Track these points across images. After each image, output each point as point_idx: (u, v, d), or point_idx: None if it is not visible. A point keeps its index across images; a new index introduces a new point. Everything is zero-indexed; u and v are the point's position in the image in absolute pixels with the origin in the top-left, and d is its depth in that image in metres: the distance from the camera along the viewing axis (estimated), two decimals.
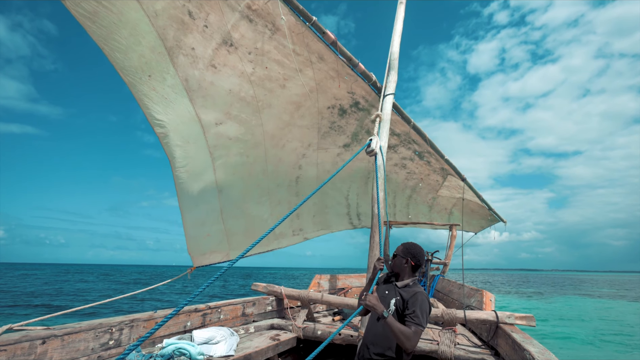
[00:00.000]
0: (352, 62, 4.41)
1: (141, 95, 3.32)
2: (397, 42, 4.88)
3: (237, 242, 5.31)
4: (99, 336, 2.70)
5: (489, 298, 4.72)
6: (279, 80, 4.22)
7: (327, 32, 3.92)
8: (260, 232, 5.64)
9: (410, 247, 2.49)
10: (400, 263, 2.47)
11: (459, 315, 3.65)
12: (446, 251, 8.98)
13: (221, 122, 4.13)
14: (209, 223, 4.77)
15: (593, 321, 15.00)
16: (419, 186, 8.03)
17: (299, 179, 5.93)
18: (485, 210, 9.22)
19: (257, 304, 4.58)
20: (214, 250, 5.02)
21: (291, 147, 5.27)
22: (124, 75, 3.13)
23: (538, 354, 2.57)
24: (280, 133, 4.91)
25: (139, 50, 3.10)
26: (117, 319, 2.91)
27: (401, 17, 5.05)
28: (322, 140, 5.53)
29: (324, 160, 5.94)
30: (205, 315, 3.77)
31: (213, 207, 4.72)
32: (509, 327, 3.44)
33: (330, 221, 7.52)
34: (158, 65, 3.28)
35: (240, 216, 5.25)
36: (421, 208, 8.86)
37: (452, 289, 6.62)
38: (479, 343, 3.89)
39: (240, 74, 3.87)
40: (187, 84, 3.58)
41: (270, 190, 5.56)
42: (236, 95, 4.03)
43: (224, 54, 3.63)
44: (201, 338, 3.19)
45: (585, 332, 12.72)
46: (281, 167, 5.45)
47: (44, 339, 2.34)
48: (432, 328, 4.55)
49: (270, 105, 4.41)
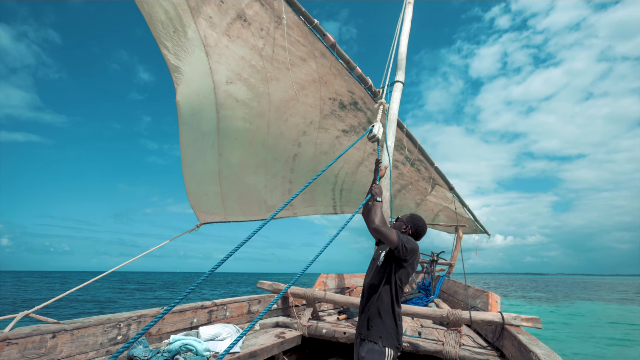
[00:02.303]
0: (349, 66, 4.52)
1: (165, 45, 3.64)
2: (404, 42, 4.89)
3: (231, 207, 5.51)
4: (107, 331, 2.74)
5: (495, 299, 4.69)
6: (285, 63, 4.39)
7: (327, 34, 4.02)
8: (254, 201, 5.96)
9: (415, 218, 2.62)
10: (399, 226, 2.60)
11: (465, 316, 3.63)
12: (452, 252, 8.95)
13: (231, 82, 4.33)
14: (206, 182, 5.00)
15: (610, 328, 14.56)
16: (409, 187, 8.15)
17: (297, 157, 6.05)
18: (471, 222, 9.66)
19: (263, 301, 4.60)
20: (212, 212, 5.27)
21: (293, 122, 5.39)
22: (151, 27, 3.46)
23: (544, 356, 2.55)
24: (284, 106, 5.03)
25: (165, 5, 3.43)
26: (125, 315, 2.95)
27: (409, 17, 5.05)
28: (323, 120, 5.65)
29: (322, 141, 6.05)
30: (211, 312, 3.80)
31: (212, 168, 4.92)
32: (514, 328, 3.42)
33: (316, 199, 7.60)
34: (181, 20, 3.57)
35: (237, 182, 5.43)
36: (408, 203, 9.09)
37: (458, 289, 6.59)
38: (484, 344, 3.87)
39: (252, 46, 4.08)
40: (206, 40, 3.83)
41: (267, 162, 5.70)
42: (248, 63, 4.24)
43: (238, 27, 3.88)
44: (207, 334, 3.22)
45: (603, 339, 12.33)
46: (281, 141, 5.57)
47: (54, 333, 2.38)
48: (437, 328, 4.54)
49: (278, 78, 4.58)
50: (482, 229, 9.89)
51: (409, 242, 2.36)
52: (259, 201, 6.08)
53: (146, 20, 3.41)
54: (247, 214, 6.01)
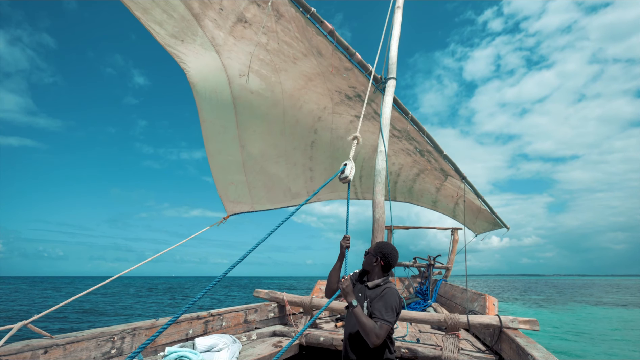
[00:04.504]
0: (349, 52, 4.56)
1: (176, 52, 3.84)
2: (395, 47, 4.93)
3: (258, 196, 5.70)
4: (101, 345, 2.69)
5: (492, 302, 4.69)
6: (289, 57, 4.49)
7: (324, 22, 4.08)
8: (278, 189, 6.19)
9: (383, 247, 2.44)
10: (370, 261, 2.43)
11: (462, 320, 3.62)
12: (448, 255, 8.93)
13: (244, 74, 4.47)
14: (232, 172, 5.20)
15: (612, 334, 14.34)
16: (426, 171, 7.90)
17: (314, 144, 6.15)
18: (488, 213, 8.96)
19: (259, 310, 4.55)
20: (240, 201, 5.42)
21: (308, 108, 5.48)
22: (161, 41, 3.65)
23: (542, 359, 2.55)
24: (298, 93, 5.13)
25: (171, 23, 3.61)
26: (119, 328, 2.90)
27: (398, 22, 5.11)
28: (336, 106, 5.71)
29: (338, 126, 6.11)
30: (207, 323, 3.75)
31: (236, 159, 5.13)
32: (512, 331, 3.41)
33: (338, 185, 7.55)
34: (189, 30, 3.75)
35: (260, 172, 5.62)
36: (428, 187, 8.67)
37: (455, 293, 6.58)
38: (482, 348, 3.86)
39: (257, 43, 4.20)
40: (214, 41, 3.99)
41: (287, 151, 5.84)
42: (256, 57, 4.36)
43: (240, 29, 4.01)
44: (203, 346, 3.16)
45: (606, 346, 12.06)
46: (298, 129, 5.69)
47: (46, 349, 2.33)
48: (435, 333, 4.52)
49: (287, 70, 4.68)
50: (500, 222, 9.09)
51: (394, 313, 2.13)
52: (283, 189, 6.23)
53: (152, 35, 3.55)
54: (274, 202, 6.16)
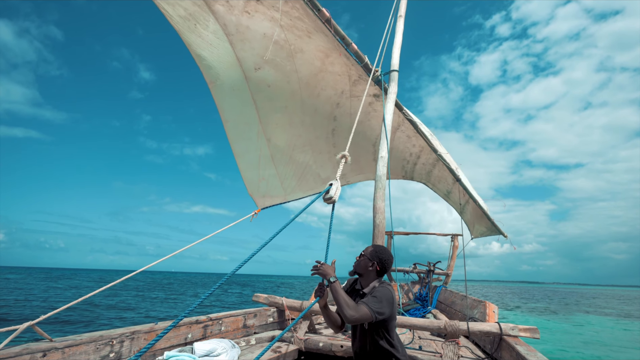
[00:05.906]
0: (345, 42, 4.50)
1: (191, 42, 3.85)
2: (396, 54, 4.97)
3: (291, 186, 5.88)
4: (99, 348, 2.68)
5: (492, 309, 4.67)
6: (304, 31, 4.47)
7: (322, 9, 4.07)
8: (309, 176, 6.30)
9: (380, 252, 2.38)
10: (365, 265, 2.35)
11: (462, 327, 3.61)
12: (448, 261, 8.89)
13: (259, 67, 4.49)
14: (262, 167, 5.31)
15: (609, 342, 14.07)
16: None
17: (335, 131, 6.19)
18: (485, 220, 8.80)
19: (259, 315, 4.54)
20: (272, 195, 5.57)
21: (325, 95, 5.49)
22: (174, 24, 3.66)
23: None
24: (314, 80, 5.13)
25: (183, 5, 3.61)
26: (117, 331, 2.89)
27: (400, 30, 5.15)
28: (353, 87, 5.62)
29: (357, 110, 6.06)
30: (206, 327, 3.74)
31: (264, 153, 5.24)
32: (512, 339, 3.40)
33: (363, 167, 7.56)
34: (200, 15, 3.75)
35: (290, 162, 5.75)
36: (446, 177, 8.35)
37: (455, 300, 6.56)
38: (482, 355, 3.84)
39: (270, 18, 4.19)
40: (227, 29, 3.99)
41: (311, 141, 5.96)
42: (270, 39, 4.33)
43: (253, 4, 4.00)
44: (202, 350, 3.15)
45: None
46: (317, 118, 5.74)
47: (45, 352, 2.32)
48: (435, 340, 4.50)
49: (302, 50, 4.66)
50: (497, 229, 8.91)
51: (381, 304, 2.09)
52: (313, 176, 6.33)
53: (167, 19, 3.58)
54: (305, 189, 6.31)
